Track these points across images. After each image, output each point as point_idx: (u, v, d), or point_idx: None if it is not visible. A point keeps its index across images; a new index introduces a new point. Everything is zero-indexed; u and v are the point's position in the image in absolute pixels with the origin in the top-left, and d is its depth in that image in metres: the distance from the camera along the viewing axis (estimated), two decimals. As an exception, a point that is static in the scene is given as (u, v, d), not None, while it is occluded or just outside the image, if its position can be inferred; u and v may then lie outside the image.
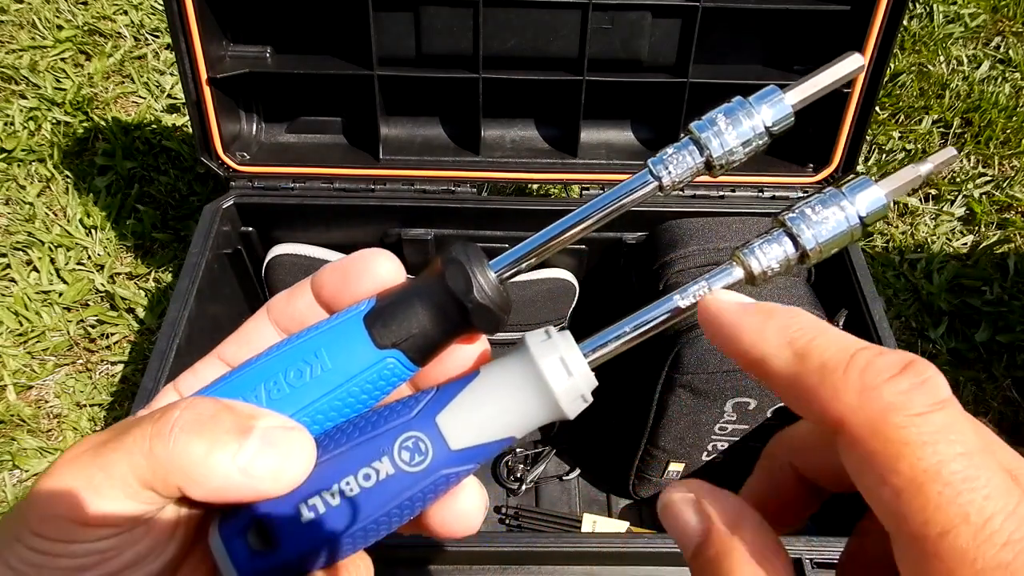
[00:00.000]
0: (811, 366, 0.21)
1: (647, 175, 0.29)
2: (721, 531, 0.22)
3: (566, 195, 1.17)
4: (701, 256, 0.85)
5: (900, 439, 0.19)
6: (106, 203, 1.40)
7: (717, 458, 0.92)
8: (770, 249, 0.27)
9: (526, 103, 0.92)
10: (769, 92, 0.28)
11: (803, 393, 0.21)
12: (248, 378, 0.28)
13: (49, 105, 1.55)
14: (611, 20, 0.84)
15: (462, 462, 0.27)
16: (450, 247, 0.29)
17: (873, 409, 0.19)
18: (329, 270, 0.30)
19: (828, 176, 0.90)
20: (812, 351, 0.21)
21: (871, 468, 0.19)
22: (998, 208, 1.47)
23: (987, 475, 0.18)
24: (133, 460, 0.24)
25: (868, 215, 0.26)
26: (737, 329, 0.23)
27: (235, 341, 0.31)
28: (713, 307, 0.25)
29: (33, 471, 1.10)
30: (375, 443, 0.26)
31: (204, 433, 0.25)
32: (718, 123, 0.28)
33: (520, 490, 1.02)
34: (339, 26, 0.86)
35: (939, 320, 1.30)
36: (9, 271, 1.30)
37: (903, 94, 1.68)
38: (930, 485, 0.18)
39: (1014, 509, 0.18)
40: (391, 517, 0.27)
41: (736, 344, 0.23)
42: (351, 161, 0.91)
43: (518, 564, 0.67)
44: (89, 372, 1.21)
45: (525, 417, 0.27)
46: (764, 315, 0.23)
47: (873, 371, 0.20)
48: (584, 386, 0.27)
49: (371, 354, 0.28)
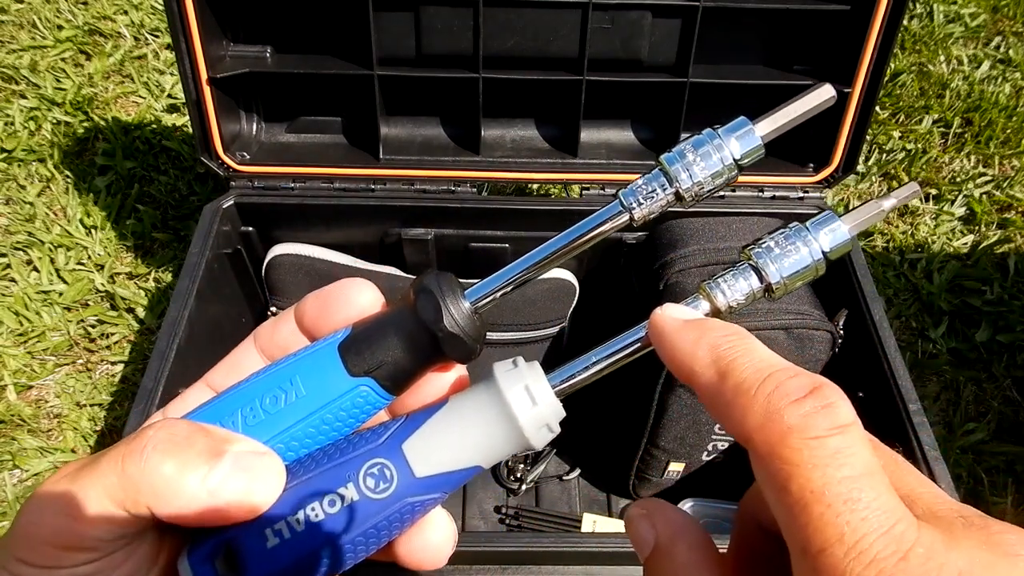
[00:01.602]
0: (728, 384, 0.22)
1: (618, 206, 0.30)
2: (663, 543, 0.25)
3: (566, 195, 1.17)
4: (701, 256, 0.85)
5: (793, 460, 0.20)
6: (106, 203, 1.40)
7: (717, 458, 0.92)
8: (736, 283, 0.27)
9: (526, 103, 0.92)
10: (739, 124, 0.29)
11: (721, 409, 0.22)
12: (226, 404, 0.29)
13: (49, 105, 1.55)
14: (611, 20, 0.84)
15: (427, 490, 0.27)
16: (423, 276, 0.29)
17: (773, 430, 0.20)
18: (311, 298, 0.31)
19: (828, 176, 0.90)
20: (733, 370, 0.22)
21: (770, 486, 0.21)
22: (998, 208, 1.47)
23: (870, 497, 0.19)
24: (107, 480, 0.24)
25: (831, 250, 0.27)
26: (673, 343, 0.25)
27: (223, 368, 0.32)
28: (658, 321, 0.26)
29: (33, 471, 1.10)
30: (341, 469, 0.27)
31: (176, 454, 0.25)
32: (687, 155, 0.28)
33: (520, 490, 1.02)
34: (339, 26, 0.86)
35: (939, 320, 1.30)
36: (9, 271, 1.30)
37: (903, 94, 1.68)
38: (814, 505, 0.19)
39: (888, 529, 0.19)
40: (356, 545, 0.26)
41: (671, 356, 0.25)
42: (351, 161, 0.91)
43: (518, 564, 0.67)
44: (89, 372, 1.21)
45: (490, 446, 0.27)
46: (700, 331, 0.24)
47: (779, 393, 0.21)
48: (550, 416, 0.27)
49: (344, 382, 0.28)
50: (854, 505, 0.19)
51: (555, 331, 0.98)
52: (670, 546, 0.24)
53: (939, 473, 0.69)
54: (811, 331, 0.78)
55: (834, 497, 0.19)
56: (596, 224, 0.30)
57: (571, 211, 0.91)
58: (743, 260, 0.28)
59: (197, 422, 0.27)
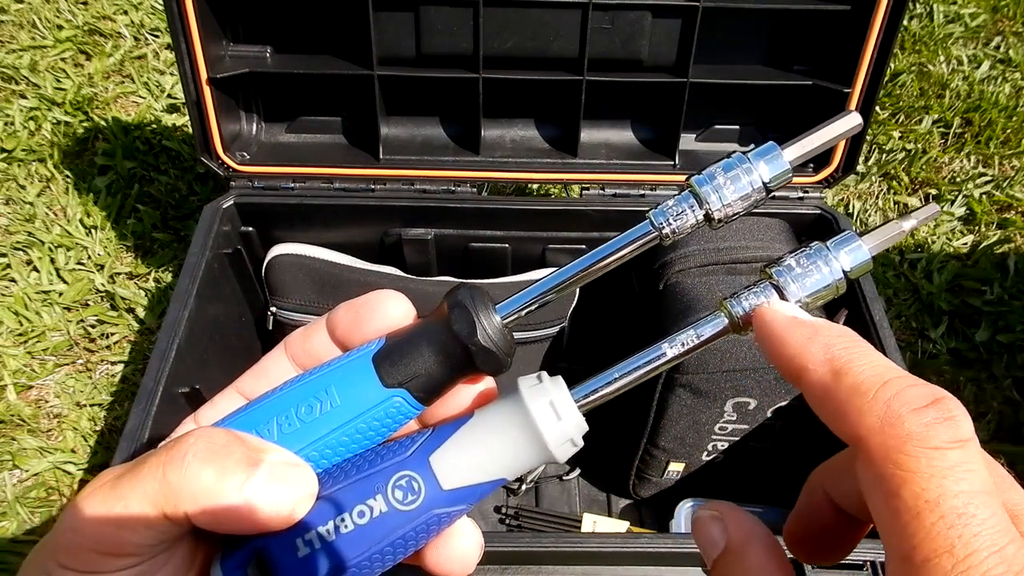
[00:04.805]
0: (844, 384, 0.22)
1: (648, 227, 0.30)
2: (734, 545, 0.25)
3: (566, 195, 1.17)
4: (701, 256, 0.85)
5: (910, 467, 0.20)
6: (106, 203, 1.40)
7: (717, 458, 0.92)
8: (756, 300, 0.27)
9: (526, 103, 0.92)
10: (768, 148, 0.29)
11: (832, 407, 0.23)
12: (261, 412, 0.29)
13: (49, 105, 1.55)
14: (611, 20, 0.84)
15: (453, 502, 0.27)
16: (457, 290, 0.30)
17: (891, 435, 0.21)
18: (343, 309, 0.31)
19: (828, 176, 0.90)
20: (849, 371, 0.22)
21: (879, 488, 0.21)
22: (998, 208, 1.47)
23: (985, 514, 0.19)
24: (147, 487, 0.25)
25: (852, 270, 0.27)
26: (784, 338, 0.25)
27: (253, 375, 0.32)
28: (767, 316, 0.26)
29: (33, 471, 1.10)
30: (371, 481, 0.27)
31: (215, 462, 0.25)
32: (717, 177, 0.29)
33: (520, 490, 1.02)
34: (339, 26, 0.86)
35: (939, 320, 1.30)
36: (9, 271, 1.30)
37: (903, 94, 1.68)
38: (927, 515, 0.19)
39: (1000, 549, 0.19)
40: (384, 555, 0.27)
41: (779, 351, 0.25)
42: (351, 161, 0.91)
43: (518, 564, 0.67)
44: (89, 372, 1.21)
45: (515, 460, 0.28)
46: (813, 329, 0.24)
47: (900, 400, 0.21)
48: (574, 431, 0.27)
49: (378, 392, 0.29)
50: (968, 520, 0.19)
51: (555, 331, 0.98)
52: (742, 549, 0.25)
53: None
54: (811, 331, 0.78)
55: (949, 509, 0.19)
56: (625, 243, 0.30)
57: (571, 211, 0.91)
58: (763, 279, 0.28)
59: (233, 431, 0.28)
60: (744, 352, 0.78)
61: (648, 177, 0.91)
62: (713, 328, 0.28)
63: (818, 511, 0.27)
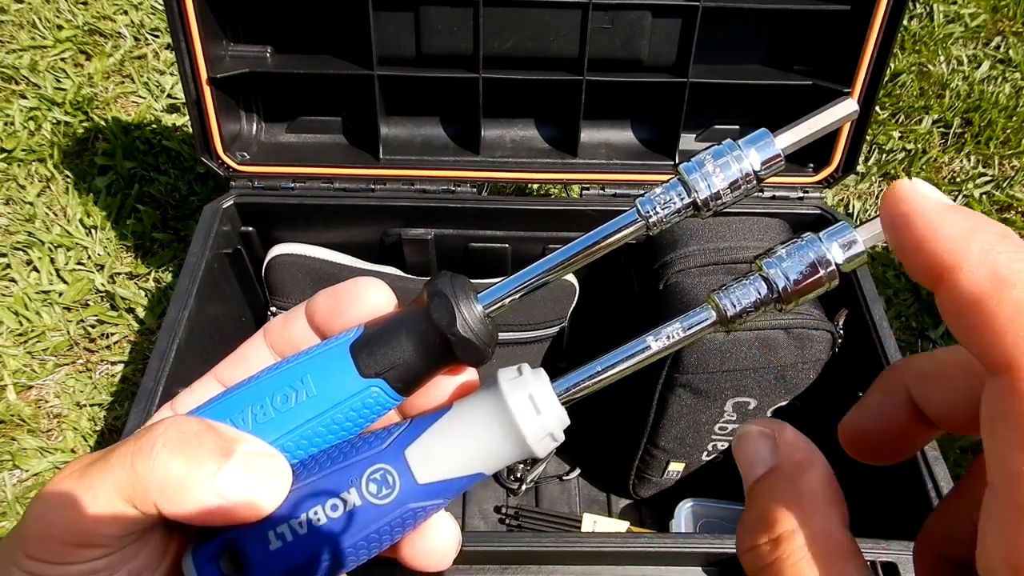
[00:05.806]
0: (1006, 296, 0.18)
1: (634, 215, 0.29)
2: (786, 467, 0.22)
3: (566, 195, 1.17)
4: (701, 256, 0.85)
5: None
6: (106, 203, 1.40)
7: (717, 458, 0.92)
8: (745, 293, 0.27)
9: (526, 103, 0.92)
10: (759, 135, 0.28)
11: (979, 320, 0.18)
12: (236, 400, 0.29)
13: (49, 105, 1.55)
14: (611, 20, 0.84)
15: (429, 496, 0.27)
16: (436, 278, 0.29)
17: None
18: (323, 296, 0.30)
19: (828, 176, 0.90)
20: (1018, 283, 0.18)
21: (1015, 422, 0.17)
22: (998, 208, 1.47)
23: None
24: (116, 477, 0.24)
25: (844, 263, 0.26)
26: (934, 228, 0.20)
27: (232, 362, 0.31)
28: (911, 195, 0.21)
29: (33, 471, 1.10)
30: (345, 473, 0.27)
31: (185, 452, 0.25)
32: (706, 165, 0.28)
33: (520, 490, 1.02)
34: (339, 26, 0.86)
35: (939, 320, 1.30)
36: (9, 271, 1.30)
37: (903, 94, 1.68)
38: None
39: None
40: (358, 549, 0.27)
41: (924, 243, 0.20)
42: (351, 161, 0.91)
43: (518, 564, 0.67)
44: (89, 372, 1.21)
45: (492, 454, 0.27)
46: (973, 222, 0.20)
47: None
48: (554, 425, 0.27)
49: (355, 382, 0.28)
50: None
51: (555, 331, 0.98)
52: (795, 472, 0.22)
53: (939, 473, 0.69)
54: (811, 331, 0.78)
55: None
56: (612, 231, 0.30)
57: (571, 211, 0.91)
58: (754, 271, 0.27)
59: (206, 420, 0.27)
60: (744, 352, 0.78)
61: (648, 177, 0.91)
62: (700, 321, 0.27)
63: (893, 409, 0.25)
